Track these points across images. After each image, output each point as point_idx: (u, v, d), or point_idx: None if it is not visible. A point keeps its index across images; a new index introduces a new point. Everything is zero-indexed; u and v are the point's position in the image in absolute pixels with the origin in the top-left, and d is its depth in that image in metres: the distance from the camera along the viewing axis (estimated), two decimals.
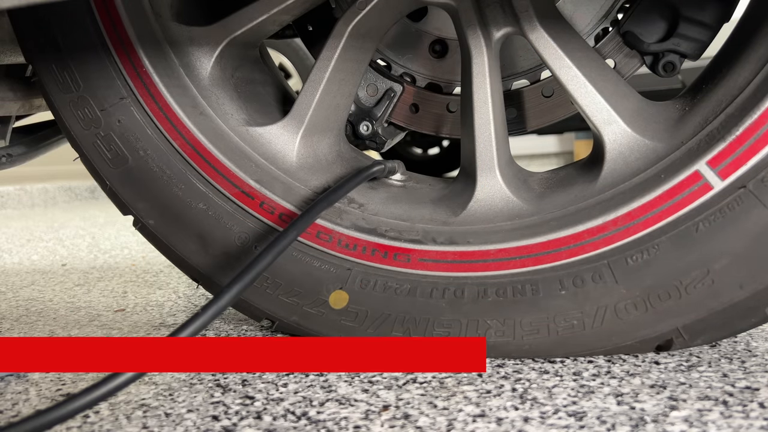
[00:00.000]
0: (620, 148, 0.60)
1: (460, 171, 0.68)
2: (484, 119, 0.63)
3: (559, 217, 0.59)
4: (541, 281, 0.57)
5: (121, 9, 0.64)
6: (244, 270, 0.53)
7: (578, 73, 0.60)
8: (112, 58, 0.65)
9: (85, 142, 0.67)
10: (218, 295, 0.51)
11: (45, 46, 0.65)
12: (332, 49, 0.66)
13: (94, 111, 0.66)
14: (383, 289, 0.61)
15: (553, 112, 0.79)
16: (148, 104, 0.65)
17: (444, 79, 0.79)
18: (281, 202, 0.65)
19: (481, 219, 0.62)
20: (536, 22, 0.60)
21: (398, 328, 0.61)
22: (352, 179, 0.63)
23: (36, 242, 1.81)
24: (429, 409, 0.48)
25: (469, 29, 0.62)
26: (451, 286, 0.59)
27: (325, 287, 0.63)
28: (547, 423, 0.45)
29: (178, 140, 0.65)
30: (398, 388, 0.52)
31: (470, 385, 0.52)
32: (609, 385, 0.51)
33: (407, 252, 0.61)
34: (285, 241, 0.56)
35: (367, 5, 0.64)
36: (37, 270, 1.28)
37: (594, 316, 0.56)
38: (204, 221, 0.65)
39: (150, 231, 0.67)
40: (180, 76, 0.67)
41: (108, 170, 0.66)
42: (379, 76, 0.80)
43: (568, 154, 5.11)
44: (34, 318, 0.85)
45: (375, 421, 0.46)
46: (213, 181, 0.65)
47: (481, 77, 0.62)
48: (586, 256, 0.56)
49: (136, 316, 0.83)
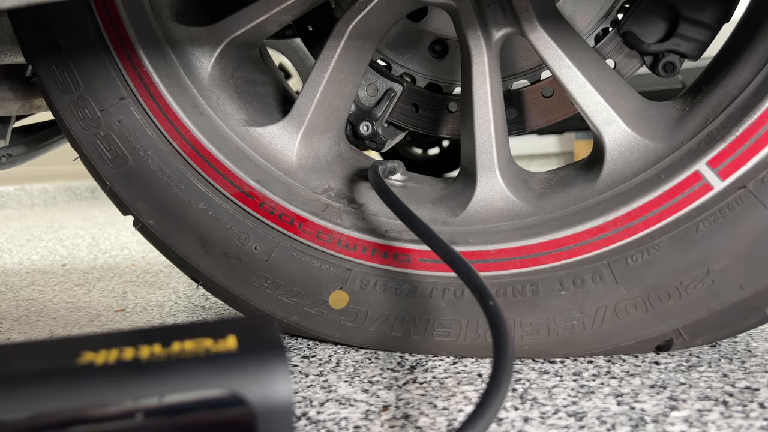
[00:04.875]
0: (620, 149, 0.60)
1: (460, 171, 0.67)
2: (484, 119, 0.63)
3: (559, 218, 0.59)
4: (541, 281, 0.57)
5: (121, 9, 0.64)
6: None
7: (578, 73, 0.60)
8: (112, 59, 0.65)
9: (85, 142, 0.66)
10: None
11: (45, 47, 0.65)
12: (332, 50, 0.66)
13: (94, 111, 0.66)
14: (383, 289, 0.61)
15: (553, 112, 0.79)
16: (148, 104, 0.65)
17: (444, 79, 0.79)
18: (281, 202, 0.65)
19: (481, 219, 0.62)
20: (536, 23, 0.60)
21: (398, 328, 0.61)
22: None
23: (36, 242, 1.80)
24: (429, 409, 0.48)
25: (469, 29, 0.62)
26: (451, 286, 0.59)
27: (325, 287, 0.63)
28: (547, 423, 0.45)
29: (178, 140, 0.65)
30: (398, 388, 0.52)
31: (470, 385, 0.52)
32: (609, 385, 0.51)
33: (407, 252, 0.61)
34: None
35: (367, 5, 0.64)
36: (37, 270, 1.28)
37: (594, 317, 0.56)
38: (204, 221, 0.65)
39: (150, 231, 0.67)
40: (180, 77, 0.67)
41: (108, 170, 0.66)
42: (379, 76, 0.80)
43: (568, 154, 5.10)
44: (34, 318, 0.85)
45: (375, 421, 0.46)
46: (213, 181, 0.65)
47: (481, 77, 0.62)
48: (586, 256, 0.56)
49: (136, 316, 0.83)
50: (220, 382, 0.27)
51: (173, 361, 0.28)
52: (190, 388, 0.27)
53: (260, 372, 0.28)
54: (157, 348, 0.29)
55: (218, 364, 0.28)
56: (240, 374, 0.28)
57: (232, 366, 0.28)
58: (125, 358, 0.28)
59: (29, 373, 0.27)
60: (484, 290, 0.46)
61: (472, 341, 0.58)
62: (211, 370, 0.28)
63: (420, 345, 0.60)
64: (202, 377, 0.27)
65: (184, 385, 0.27)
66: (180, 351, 0.29)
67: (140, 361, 0.28)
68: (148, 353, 0.29)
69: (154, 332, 0.31)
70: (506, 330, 0.42)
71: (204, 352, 0.29)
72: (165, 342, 0.30)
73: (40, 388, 0.26)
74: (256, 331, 0.31)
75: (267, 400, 0.27)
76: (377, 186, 0.61)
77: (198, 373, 0.27)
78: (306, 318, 0.64)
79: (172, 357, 0.28)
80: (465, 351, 0.59)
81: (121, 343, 0.30)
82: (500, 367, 0.39)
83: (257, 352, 0.29)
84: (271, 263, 0.64)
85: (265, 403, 0.27)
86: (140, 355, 0.28)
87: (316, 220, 0.64)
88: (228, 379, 0.27)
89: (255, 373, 0.28)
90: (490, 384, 0.38)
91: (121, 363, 0.28)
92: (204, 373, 0.28)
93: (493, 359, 0.40)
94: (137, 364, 0.28)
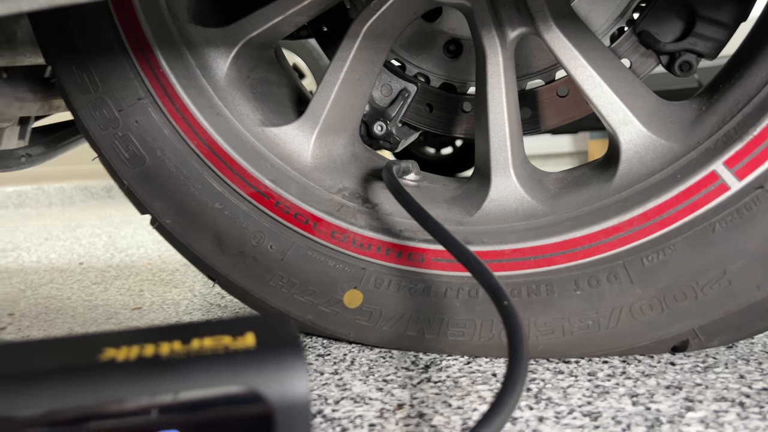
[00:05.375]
0: (636, 148, 0.59)
1: (475, 171, 0.68)
2: (498, 119, 0.63)
3: (575, 218, 0.59)
4: (556, 281, 0.57)
5: (139, 11, 0.65)
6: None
7: (594, 73, 0.60)
8: (130, 60, 0.65)
9: (103, 142, 0.67)
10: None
11: (65, 48, 0.66)
12: (347, 50, 0.67)
13: (112, 112, 0.66)
14: (397, 289, 0.62)
15: (568, 112, 0.78)
16: (165, 105, 0.66)
17: (458, 79, 0.79)
18: (296, 202, 0.65)
19: (496, 219, 0.62)
20: (551, 22, 0.60)
21: (413, 327, 0.61)
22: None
23: (54, 241, 1.83)
24: (443, 408, 0.48)
25: (483, 29, 0.62)
26: (465, 286, 0.59)
27: (340, 286, 0.63)
28: (562, 423, 0.45)
29: (194, 140, 0.66)
30: (413, 387, 0.53)
31: (485, 384, 0.52)
32: (624, 385, 0.51)
33: (422, 252, 0.61)
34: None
35: (382, 6, 0.65)
36: (55, 268, 1.30)
37: (609, 317, 0.56)
38: (220, 221, 0.66)
39: (167, 230, 0.68)
40: (196, 77, 0.67)
41: (126, 170, 0.67)
42: (393, 76, 0.80)
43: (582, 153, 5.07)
44: (53, 315, 0.86)
45: (390, 419, 0.47)
46: (229, 181, 0.66)
47: (496, 77, 0.62)
48: (601, 256, 0.56)
49: (152, 314, 0.84)
50: (239, 379, 0.28)
51: (193, 357, 0.28)
52: (209, 384, 0.27)
53: (278, 369, 0.28)
54: (176, 345, 0.30)
55: (237, 361, 0.28)
56: (258, 371, 0.28)
57: (250, 363, 0.28)
58: (146, 355, 0.29)
59: (51, 369, 0.27)
60: (499, 290, 0.46)
61: (486, 341, 0.58)
62: (230, 367, 0.28)
63: (434, 344, 0.60)
64: (221, 374, 0.28)
65: (203, 382, 0.27)
66: (199, 348, 0.29)
67: (160, 357, 0.28)
68: (168, 350, 0.29)
69: (173, 329, 0.31)
70: (521, 330, 0.42)
71: (223, 349, 0.29)
72: (184, 339, 0.30)
73: (62, 384, 0.27)
74: (274, 329, 0.31)
75: (285, 397, 0.28)
76: (391, 186, 0.61)
77: (217, 370, 0.28)
78: (321, 317, 0.64)
79: (192, 354, 0.29)
80: (479, 351, 0.59)
81: (141, 340, 0.30)
82: (515, 366, 0.39)
83: (275, 350, 0.29)
84: (287, 262, 0.64)
85: (283, 400, 0.28)
86: (160, 352, 0.29)
87: (331, 219, 0.64)
88: (247, 376, 0.28)
89: (273, 370, 0.28)
90: (505, 383, 0.38)
91: (141, 359, 0.28)
92: (223, 370, 0.28)
93: (508, 359, 0.40)
94: (158, 360, 0.28)
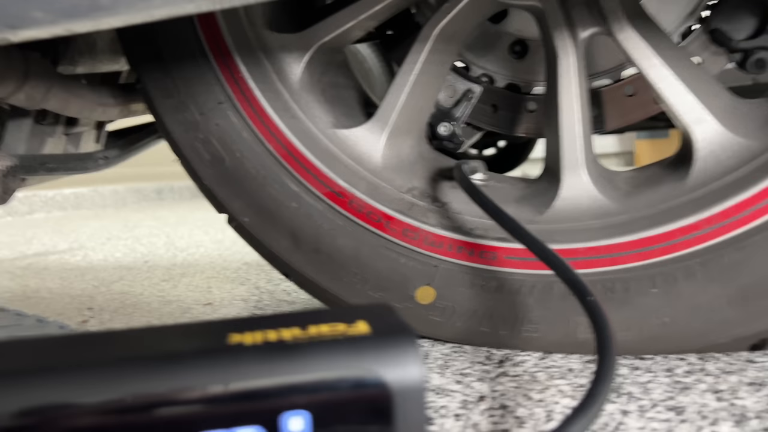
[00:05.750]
0: (711, 147, 0.59)
1: (543, 170, 0.68)
2: (570, 119, 0.63)
3: (649, 216, 0.59)
4: (632, 279, 0.57)
5: (220, 19, 0.68)
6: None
7: (668, 72, 0.60)
8: (211, 66, 0.68)
9: (185, 145, 0.71)
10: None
11: (150, 55, 0.70)
12: (418, 53, 0.68)
13: (194, 115, 0.70)
14: (470, 286, 0.63)
15: (634, 111, 0.78)
16: (244, 108, 0.69)
17: (523, 79, 0.80)
18: (369, 201, 0.67)
19: (568, 217, 0.63)
20: (625, 22, 0.61)
21: (486, 323, 0.62)
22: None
23: (115, 240, 1.90)
24: (524, 401, 0.49)
25: (555, 30, 0.63)
26: (539, 283, 0.60)
27: (412, 283, 0.65)
28: (647, 416, 0.45)
29: (272, 142, 0.68)
30: (491, 381, 0.54)
31: (562, 379, 0.53)
32: (704, 381, 0.51)
33: (493, 250, 0.63)
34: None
35: (453, 9, 0.66)
36: (122, 266, 1.35)
37: (687, 315, 0.56)
38: (296, 219, 0.68)
39: (244, 228, 0.71)
40: (273, 81, 0.70)
41: (206, 171, 0.70)
42: (457, 77, 0.81)
43: (628, 154, 4.98)
44: (130, 310, 0.90)
45: (474, 410, 0.48)
46: (305, 181, 0.68)
47: (568, 77, 0.63)
48: (678, 254, 0.56)
49: (224, 310, 0.87)
50: (359, 364, 0.30)
51: (315, 343, 0.30)
52: (333, 368, 0.29)
53: (395, 354, 0.30)
54: (296, 331, 0.32)
55: (357, 346, 0.30)
56: (377, 356, 0.30)
57: (369, 348, 0.30)
58: (270, 340, 0.31)
59: (188, 351, 0.30)
60: (582, 286, 0.47)
61: (561, 338, 0.59)
62: (351, 352, 0.30)
63: (508, 340, 0.61)
64: (342, 358, 0.30)
65: (328, 366, 0.29)
66: (318, 334, 0.31)
67: (285, 342, 0.31)
68: (291, 335, 0.31)
69: (289, 317, 0.33)
70: (607, 323, 0.43)
71: (341, 335, 0.31)
72: (302, 326, 0.32)
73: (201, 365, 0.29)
74: (383, 317, 0.33)
75: (402, 381, 0.29)
76: (466, 185, 0.63)
77: (340, 354, 0.30)
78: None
79: (313, 339, 0.31)
80: (553, 347, 0.60)
81: (262, 327, 0.32)
82: (604, 358, 0.40)
83: (390, 336, 0.31)
84: (360, 259, 0.66)
85: (400, 383, 0.29)
86: (283, 337, 0.31)
87: (403, 218, 0.66)
88: (367, 361, 0.30)
89: (390, 354, 0.30)
90: (597, 374, 0.39)
91: (268, 344, 0.30)
92: (344, 354, 0.30)
93: (596, 352, 0.41)
94: (283, 345, 0.30)
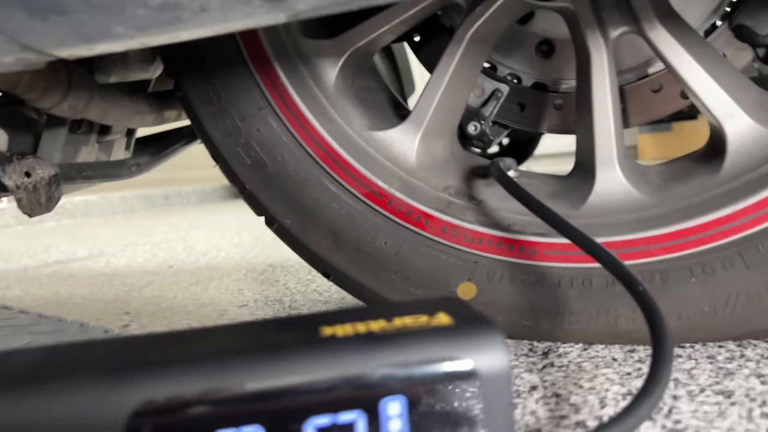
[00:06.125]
0: (743, 140, 0.61)
1: (575, 166, 0.70)
2: (603, 116, 0.65)
3: (684, 208, 0.61)
4: (671, 270, 0.59)
5: None
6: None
7: (699, 68, 0.62)
8: (251, 72, 0.71)
9: (226, 150, 0.73)
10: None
11: (191, 64, 0.72)
12: (452, 55, 0.70)
13: (235, 121, 0.72)
14: (510, 281, 0.65)
15: (658, 107, 0.80)
16: (284, 114, 0.71)
17: (550, 77, 0.82)
18: (407, 200, 0.69)
19: (603, 212, 0.65)
20: (656, 21, 0.63)
21: (528, 317, 0.64)
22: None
23: (134, 246, 1.92)
24: (576, 389, 0.51)
25: (588, 30, 0.65)
26: (579, 276, 0.62)
27: (453, 279, 0.67)
28: (697, 400, 0.47)
29: (311, 146, 0.70)
30: (539, 371, 0.56)
31: (609, 368, 0.55)
32: (747, 367, 0.53)
33: (532, 245, 0.64)
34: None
35: (486, 11, 0.68)
36: (147, 272, 1.37)
37: (726, 303, 0.58)
38: (337, 220, 0.70)
39: (285, 229, 0.73)
40: (310, 87, 0.72)
41: (247, 175, 0.72)
42: (485, 77, 0.83)
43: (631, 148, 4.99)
44: (168, 313, 0.92)
45: (528, 399, 0.50)
46: (344, 182, 0.70)
47: (601, 75, 0.65)
48: (715, 244, 0.58)
49: (260, 311, 0.89)
50: (449, 352, 0.31)
51: (402, 333, 0.32)
52: (425, 356, 0.31)
53: (481, 342, 0.32)
54: (382, 323, 0.34)
55: (442, 335, 0.32)
56: (465, 344, 0.32)
57: (455, 337, 0.32)
58: (361, 331, 0.33)
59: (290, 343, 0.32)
60: (632, 277, 0.49)
61: (603, 328, 0.61)
62: (438, 341, 0.32)
63: (550, 333, 0.63)
64: (431, 346, 0.32)
65: (420, 354, 0.31)
66: (403, 325, 0.33)
67: (374, 333, 0.32)
68: (378, 327, 0.33)
69: (371, 310, 0.35)
70: (659, 312, 0.45)
71: (426, 326, 0.33)
72: (387, 318, 0.34)
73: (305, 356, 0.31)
74: (459, 308, 0.35)
75: (490, 367, 0.31)
76: (505, 183, 0.64)
77: (428, 343, 0.32)
78: None
79: (400, 330, 0.33)
80: (595, 338, 0.62)
81: (349, 319, 0.34)
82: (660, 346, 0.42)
83: (473, 325, 0.33)
84: (400, 257, 0.68)
85: (488, 370, 0.31)
86: (372, 329, 0.33)
87: (441, 216, 0.68)
88: (453, 349, 0.32)
89: (477, 343, 0.32)
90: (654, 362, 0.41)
91: (359, 335, 0.32)
92: (432, 343, 0.32)
93: (651, 341, 0.43)
94: (373, 336, 0.32)
